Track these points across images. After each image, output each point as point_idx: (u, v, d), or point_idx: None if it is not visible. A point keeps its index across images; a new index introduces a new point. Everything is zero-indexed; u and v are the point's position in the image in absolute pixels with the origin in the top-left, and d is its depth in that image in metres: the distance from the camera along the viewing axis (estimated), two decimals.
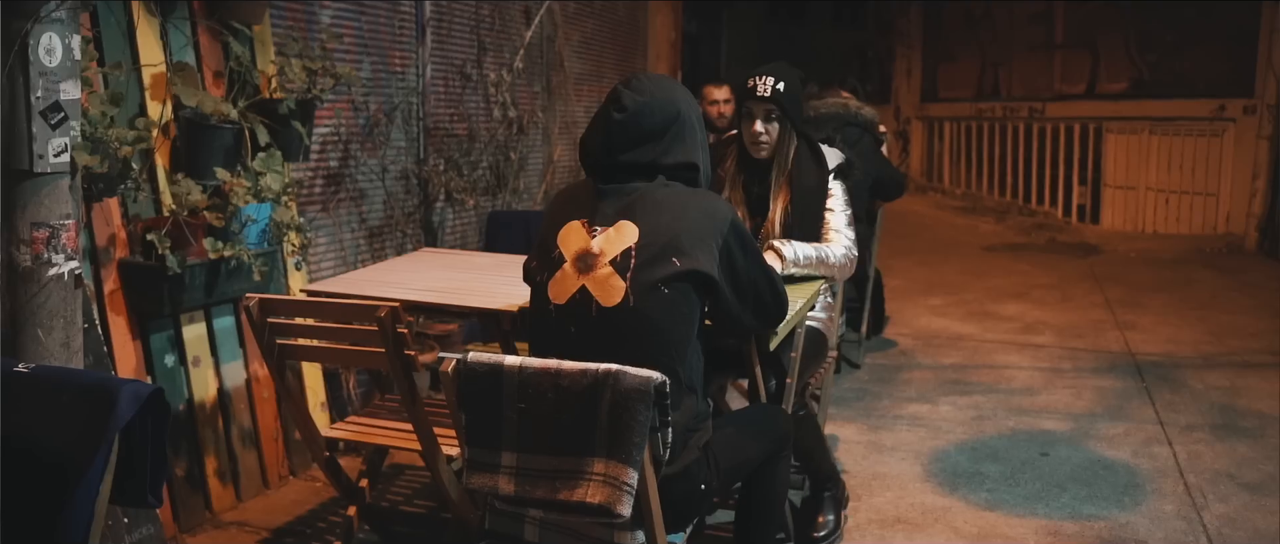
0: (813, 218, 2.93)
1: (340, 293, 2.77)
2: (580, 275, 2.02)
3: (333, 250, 4.18)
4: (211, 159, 3.10)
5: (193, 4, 3.26)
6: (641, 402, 1.77)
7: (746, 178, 3.00)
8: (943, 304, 6.31)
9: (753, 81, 2.86)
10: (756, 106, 2.88)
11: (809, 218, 2.93)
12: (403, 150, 4.59)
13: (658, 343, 1.99)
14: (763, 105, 2.87)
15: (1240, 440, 3.83)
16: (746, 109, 2.91)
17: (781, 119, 2.88)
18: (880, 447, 3.77)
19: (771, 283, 2.21)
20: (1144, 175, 9.21)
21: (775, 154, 2.92)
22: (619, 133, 2.07)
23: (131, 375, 2.98)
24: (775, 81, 2.84)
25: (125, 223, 3.02)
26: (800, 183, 2.93)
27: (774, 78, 2.85)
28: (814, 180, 2.93)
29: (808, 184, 2.93)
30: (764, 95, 2.84)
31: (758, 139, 2.89)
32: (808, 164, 2.95)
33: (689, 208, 2.06)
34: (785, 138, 2.91)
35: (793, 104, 2.89)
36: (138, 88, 3.07)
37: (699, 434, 2.08)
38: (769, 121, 2.88)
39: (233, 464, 3.33)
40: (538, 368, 1.84)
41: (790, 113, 2.88)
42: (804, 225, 2.91)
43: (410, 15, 4.62)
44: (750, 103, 2.89)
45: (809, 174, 2.94)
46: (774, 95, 2.84)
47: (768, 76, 2.85)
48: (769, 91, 2.84)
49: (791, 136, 2.92)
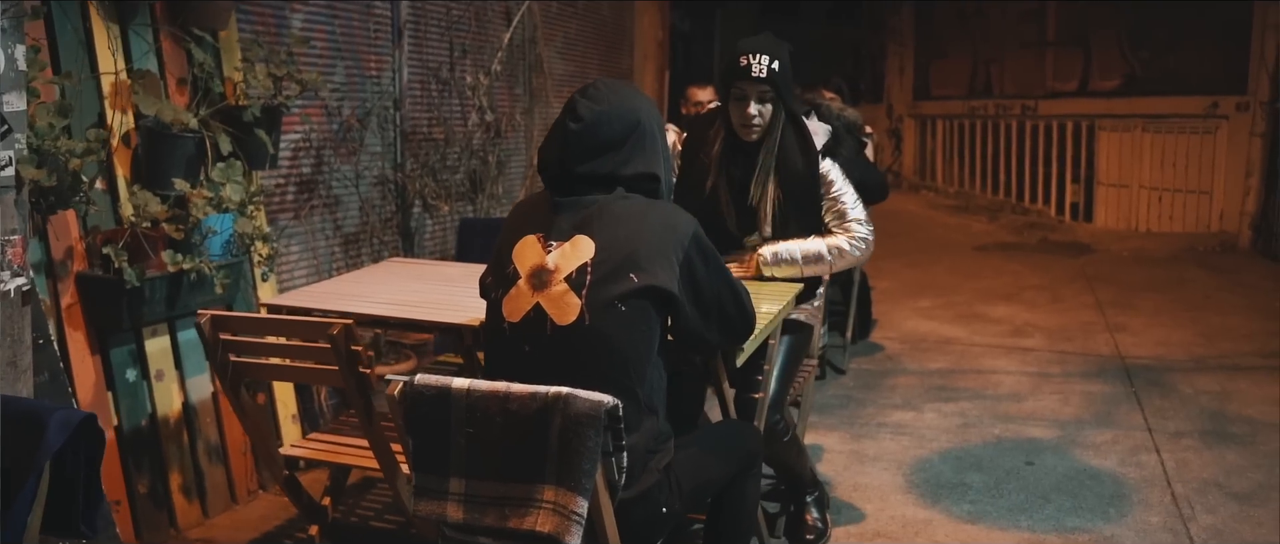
0: (807, 205, 2.83)
1: (302, 307, 2.70)
2: (535, 292, 1.94)
3: (306, 259, 4.11)
4: (172, 169, 3.02)
5: (154, 9, 3.18)
6: (592, 427, 1.70)
7: (730, 162, 2.84)
8: (932, 306, 6.24)
9: (745, 59, 2.68)
10: (750, 87, 2.70)
11: (803, 205, 2.83)
12: (379, 155, 4.51)
13: (615, 362, 1.92)
14: (757, 86, 2.70)
15: (1229, 447, 3.76)
16: (738, 89, 2.72)
17: (775, 100, 2.73)
18: (862, 456, 3.70)
19: (737, 296, 2.14)
20: (1137, 173, 9.14)
21: (764, 135, 2.78)
22: (575, 143, 2.00)
23: (90, 391, 2.91)
24: (770, 60, 2.68)
25: (83, 235, 2.94)
26: (788, 167, 2.80)
27: (769, 56, 2.69)
28: (802, 165, 2.80)
29: (796, 168, 2.80)
30: (759, 76, 2.67)
31: (750, 121, 2.73)
32: (793, 147, 2.81)
33: (648, 220, 1.98)
34: (776, 119, 2.76)
35: (786, 84, 2.73)
36: (96, 96, 3.00)
37: (660, 456, 2.01)
38: (763, 103, 2.72)
39: (199, 479, 3.25)
40: (486, 391, 1.77)
41: (784, 93, 2.74)
42: (799, 215, 2.82)
43: (386, 18, 4.54)
44: (743, 83, 2.70)
45: (795, 158, 2.80)
46: (769, 76, 2.68)
47: (762, 54, 2.68)
48: (764, 71, 2.67)
49: (781, 117, 2.78)
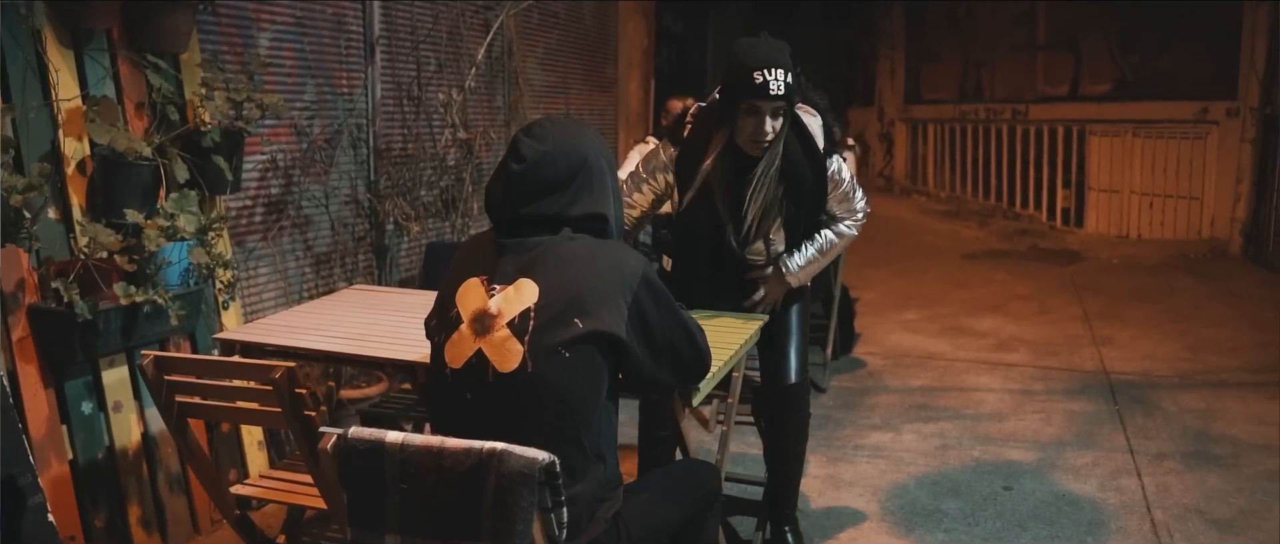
0: (816, 207, 2.83)
1: (255, 341, 2.64)
2: (477, 338, 1.88)
3: (275, 281, 4.05)
4: (127, 198, 2.96)
5: (111, 34, 3.12)
6: (526, 486, 1.64)
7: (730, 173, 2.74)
8: (917, 319, 6.18)
9: (761, 76, 2.54)
10: (766, 105, 2.59)
11: (813, 209, 2.83)
12: (351, 174, 4.45)
13: (559, 411, 1.86)
14: (773, 104, 2.59)
15: (1212, 471, 3.70)
16: (750, 106, 2.60)
17: (786, 112, 2.65)
18: (838, 481, 3.64)
19: (690, 337, 2.08)
20: (1128, 178, 9.09)
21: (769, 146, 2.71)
22: (518, 184, 1.94)
23: (43, 425, 2.85)
24: (785, 73, 2.57)
25: (36, 266, 2.88)
26: (795, 177, 2.74)
27: (783, 69, 2.56)
28: (811, 174, 2.76)
29: (804, 178, 2.75)
30: (778, 94, 2.56)
31: (763, 139, 2.64)
32: (799, 157, 2.74)
33: (595, 263, 1.92)
34: (783, 131, 2.68)
35: (795, 94, 2.65)
36: (49, 125, 2.93)
37: (608, 504, 1.95)
38: (776, 118, 2.63)
39: (159, 511, 3.19)
40: (420, 446, 1.71)
41: (793, 106, 2.67)
42: (808, 216, 2.81)
43: (358, 34, 4.48)
44: (758, 101, 2.58)
45: (804, 167, 2.75)
46: (786, 92, 2.58)
47: (777, 68, 2.55)
48: (782, 88, 2.56)
49: (786, 127, 2.69)
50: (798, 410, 2.96)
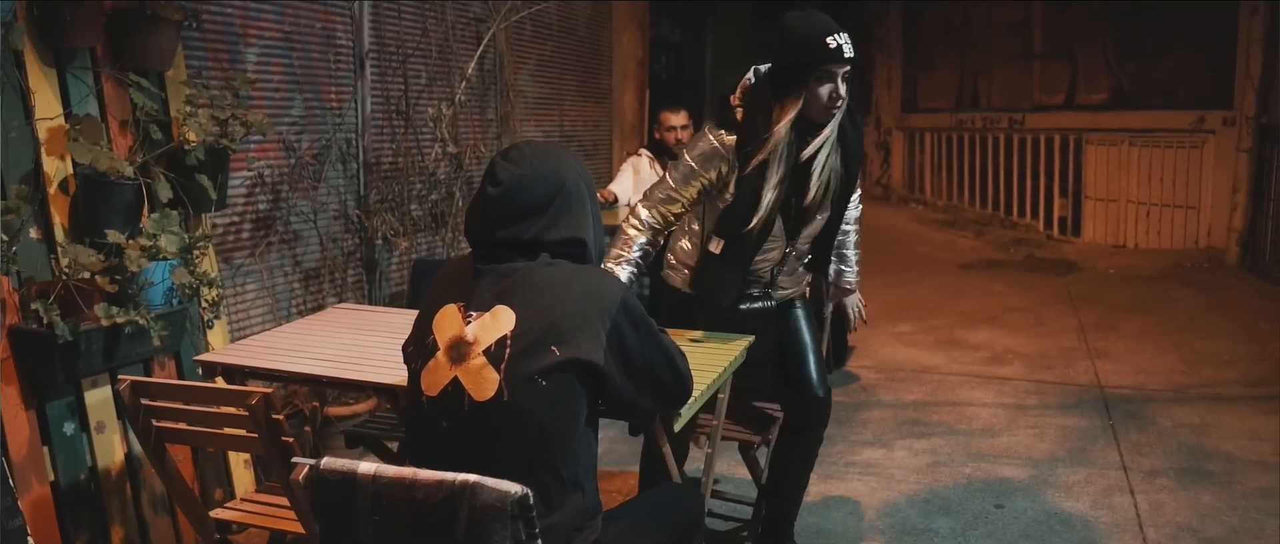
0: (853, 187, 2.85)
1: (234, 363, 2.62)
2: (453, 365, 1.86)
3: (263, 298, 4.03)
4: (110, 218, 2.94)
5: (95, 52, 3.10)
6: (498, 519, 1.61)
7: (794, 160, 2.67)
8: (911, 331, 6.15)
9: (834, 40, 2.52)
10: (839, 68, 2.54)
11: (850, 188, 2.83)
12: (340, 189, 4.43)
13: (536, 440, 1.83)
14: (845, 67, 2.55)
15: (1206, 488, 3.67)
16: (825, 72, 2.54)
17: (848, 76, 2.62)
18: (829, 499, 3.61)
19: (671, 362, 2.05)
20: (1124, 188, 9.07)
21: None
22: (494, 209, 1.91)
23: (24, 446, 2.83)
24: (848, 38, 2.56)
25: (18, 287, 2.86)
26: (850, 150, 2.74)
27: (846, 33, 2.56)
28: (857, 146, 2.77)
29: (855, 152, 2.76)
30: (851, 57, 2.54)
31: (839, 104, 2.59)
32: (850, 129, 2.73)
33: (573, 289, 1.90)
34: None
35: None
36: (31, 145, 2.91)
37: (586, 533, 1.92)
38: (846, 82, 2.59)
39: (143, 532, 3.17)
40: (392, 477, 1.69)
41: None
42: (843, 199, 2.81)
43: (347, 48, 4.46)
44: (832, 66, 2.54)
45: (854, 141, 2.75)
46: (855, 54, 2.57)
47: (843, 32, 2.54)
48: (851, 51, 2.55)
49: None
50: (822, 426, 2.94)
